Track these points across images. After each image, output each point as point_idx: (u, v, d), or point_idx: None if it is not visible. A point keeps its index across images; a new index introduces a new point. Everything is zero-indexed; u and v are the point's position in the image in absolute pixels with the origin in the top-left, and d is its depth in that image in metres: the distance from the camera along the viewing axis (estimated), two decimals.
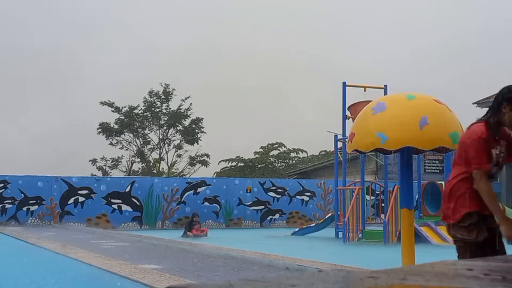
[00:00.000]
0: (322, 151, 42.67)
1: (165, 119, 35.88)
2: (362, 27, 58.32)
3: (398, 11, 60.35)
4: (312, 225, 19.12)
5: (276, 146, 43.29)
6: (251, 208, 24.08)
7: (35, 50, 48.14)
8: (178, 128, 36.09)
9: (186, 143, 36.15)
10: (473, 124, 4.26)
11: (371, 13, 59.16)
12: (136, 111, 35.62)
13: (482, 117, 4.26)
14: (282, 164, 43.42)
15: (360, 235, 15.12)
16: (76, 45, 49.92)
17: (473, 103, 26.94)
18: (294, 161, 43.79)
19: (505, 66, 49.85)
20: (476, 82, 51.81)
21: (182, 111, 35.81)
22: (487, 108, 4.41)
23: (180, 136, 36.18)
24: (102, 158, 36.31)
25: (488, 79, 48.97)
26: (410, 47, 57.79)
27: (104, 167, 36.34)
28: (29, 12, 50.14)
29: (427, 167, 25.50)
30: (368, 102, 15.10)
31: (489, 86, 50.34)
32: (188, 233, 16.92)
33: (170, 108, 35.94)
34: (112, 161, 36.23)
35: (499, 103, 4.15)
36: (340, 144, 16.99)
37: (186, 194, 23.23)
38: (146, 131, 36.15)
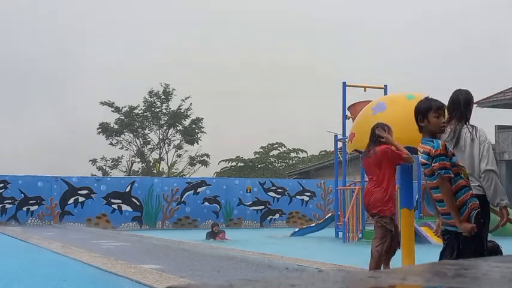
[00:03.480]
0: (322, 151, 42.63)
1: (165, 119, 35.88)
2: (362, 26, 58.34)
3: (398, 9, 60.39)
4: (312, 225, 19.12)
5: (276, 146, 43.26)
6: (251, 208, 24.08)
7: (35, 49, 48.17)
8: (178, 128, 36.10)
9: (186, 143, 36.16)
10: None
11: (371, 12, 59.19)
12: (136, 111, 35.62)
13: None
14: (282, 164, 43.41)
15: (360, 235, 15.11)
16: (76, 45, 49.93)
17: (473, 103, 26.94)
18: (294, 161, 43.77)
19: (505, 66, 49.87)
20: (476, 82, 51.84)
21: (182, 111, 35.81)
22: (488, 108, 4.58)
23: (180, 136, 36.19)
24: (102, 158, 36.33)
25: (488, 79, 48.99)
26: (410, 47, 57.80)
27: (104, 167, 36.36)
28: (28, 12, 50.14)
29: None
30: (368, 102, 15.10)
31: (490, 86, 50.35)
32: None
33: (170, 108, 35.96)
34: (112, 161, 36.24)
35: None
36: (340, 144, 16.99)
37: (186, 194, 23.23)
38: (146, 131, 36.17)
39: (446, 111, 4.64)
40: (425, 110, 4.55)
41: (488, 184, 4.63)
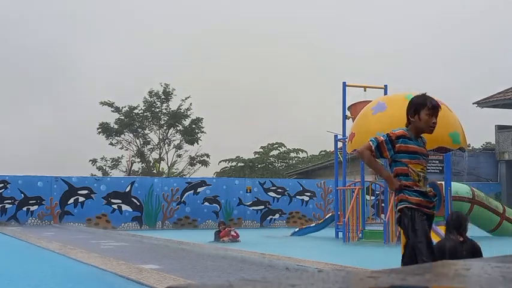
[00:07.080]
0: (322, 151, 42.63)
1: (165, 119, 35.85)
2: (362, 25, 58.37)
3: (398, 8, 60.39)
4: (312, 225, 19.11)
5: (276, 146, 43.24)
6: (251, 208, 24.07)
7: (35, 49, 48.18)
8: (178, 128, 36.07)
9: (186, 143, 36.13)
10: None
11: (371, 11, 59.21)
12: (136, 111, 35.59)
13: None
14: (282, 164, 43.38)
15: (360, 235, 15.11)
16: (76, 45, 49.95)
17: (473, 103, 26.96)
18: (294, 161, 43.75)
19: (505, 66, 49.87)
20: (476, 82, 51.86)
21: (182, 111, 35.79)
22: (488, 108, 4.60)
23: (180, 136, 36.16)
24: (102, 158, 36.30)
25: (488, 79, 48.99)
26: (410, 46, 57.82)
27: (104, 167, 36.34)
28: (28, 12, 50.16)
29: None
30: (368, 102, 15.12)
31: (489, 86, 50.41)
32: (223, 239, 14.89)
33: (170, 108, 35.93)
34: (112, 161, 36.22)
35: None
36: (340, 144, 16.99)
37: (186, 194, 23.23)
38: (146, 131, 36.13)
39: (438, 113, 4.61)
40: (420, 105, 4.51)
41: None
